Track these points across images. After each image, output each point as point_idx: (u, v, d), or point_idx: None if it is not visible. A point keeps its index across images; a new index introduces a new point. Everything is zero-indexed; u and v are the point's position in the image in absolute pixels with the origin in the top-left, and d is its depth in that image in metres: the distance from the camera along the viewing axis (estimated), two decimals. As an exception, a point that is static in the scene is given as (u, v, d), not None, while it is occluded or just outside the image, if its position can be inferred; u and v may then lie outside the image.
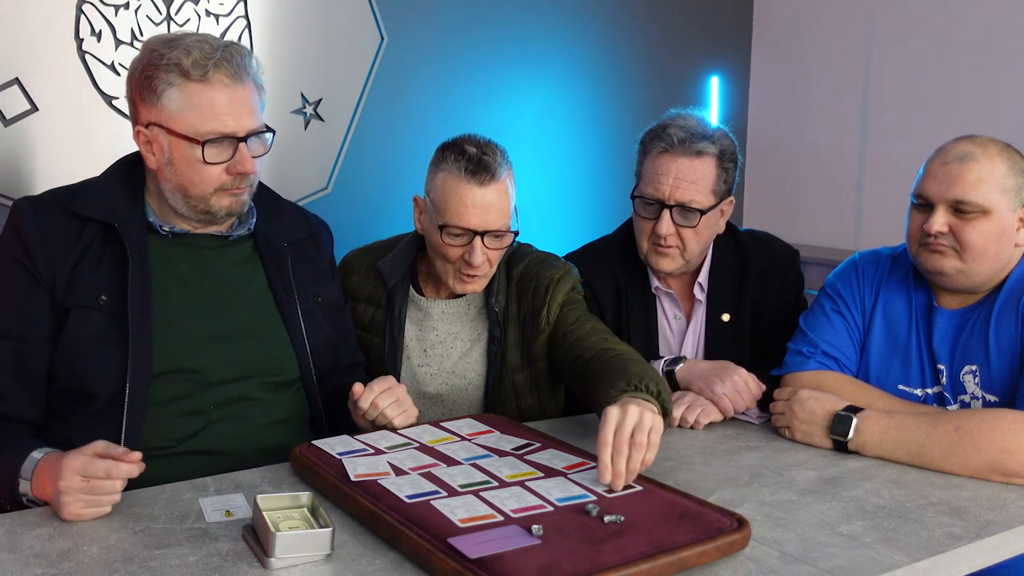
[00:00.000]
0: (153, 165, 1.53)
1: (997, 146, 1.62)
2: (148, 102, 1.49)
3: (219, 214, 1.56)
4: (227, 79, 1.48)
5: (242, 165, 1.51)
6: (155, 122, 1.49)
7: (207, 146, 1.48)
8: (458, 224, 1.70)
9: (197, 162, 1.49)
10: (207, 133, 1.48)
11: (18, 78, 2.20)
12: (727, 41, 3.59)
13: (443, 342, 1.86)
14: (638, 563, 1.08)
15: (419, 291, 1.88)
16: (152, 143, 1.51)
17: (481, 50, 2.95)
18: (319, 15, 2.60)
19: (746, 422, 1.79)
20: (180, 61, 1.46)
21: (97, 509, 1.26)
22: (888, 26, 3.23)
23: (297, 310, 1.64)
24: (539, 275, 1.83)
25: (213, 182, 1.51)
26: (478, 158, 1.69)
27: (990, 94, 2.94)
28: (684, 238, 1.89)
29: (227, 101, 1.49)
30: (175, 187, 1.53)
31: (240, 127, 1.50)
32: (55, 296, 1.49)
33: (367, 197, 2.76)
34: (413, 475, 1.34)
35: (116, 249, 1.52)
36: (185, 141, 1.48)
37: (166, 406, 1.50)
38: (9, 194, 2.21)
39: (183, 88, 1.47)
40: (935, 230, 1.61)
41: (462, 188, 1.69)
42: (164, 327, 1.52)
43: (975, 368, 1.64)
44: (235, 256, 1.64)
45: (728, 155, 1.91)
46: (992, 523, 1.30)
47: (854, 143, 3.35)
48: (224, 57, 1.48)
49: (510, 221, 1.75)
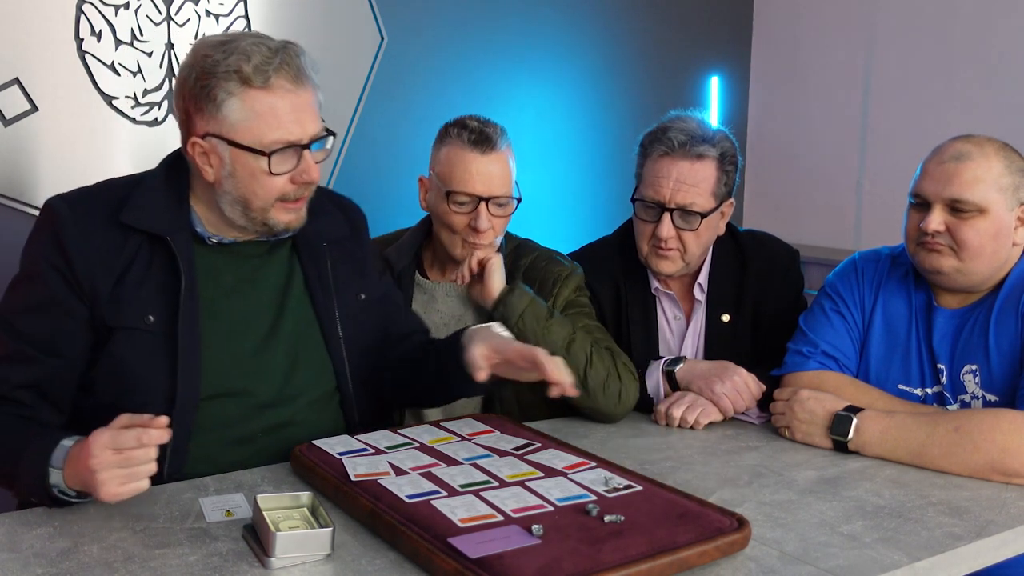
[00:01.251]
0: (211, 178, 1.42)
1: (994, 145, 1.62)
2: (206, 113, 1.39)
3: (277, 227, 1.47)
4: (289, 84, 1.40)
5: (308, 174, 1.44)
6: (214, 133, 1.40)
7: (273, 157, 1.40)
8: (463, 190, 1.78)
9: (262, 174, 1.41)
10: (272, 143, 1.39)
11: (18, 78, 2.19)
12: (727, 41, 3.59)
13: (447, 324, 1.89)
14: (638, 563, 1.08)
15: (424, 276, 1.93)
16: (210, 155, 1.41)
17: (481, 50, 2.95)
18: (319, 15, 2.60)
19: (746, 422, 1.79)
20: (240, 68, 1.37)
21: (135, 484, 1.19)
22: (888, 26, 3.23)
23: (335, 316, 1.58)
24: (547, 269, 1.88)
25: (276, 192, 1.43)
26: (480, 130, 1.80)
27: (990, 94, 2.94)
28: (685, 241, 1.89)
29: (290, 108, 1.40)
30: (235, 199, 1.44)
31: (304, 134, 1.42)
32: (95, 313, 1.40)
33: (367, 197, 2.72)
34: (413, 475, 1.34)
35: (163, 262, 1.43)
36: (249, 153, 1.39)
37: (213, 432, 1.44)
38: (9, 194, 2.21)
39: (244, 97, 1.38)
40: (932, 229, 1.61)
41: (467, 157, 1.78)
42: (212, 347, 1.45)
43: (975, 368, 1.64)
44: (277, 261, 1.57)
45: (728, 158, 1.91)
46: (992, 523, 1.30)
47: (854, 143, 3.35)
48: (284, 60, 1.39)
49: (512, 189, 1.83)
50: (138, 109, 2.36)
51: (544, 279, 1.86)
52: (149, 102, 2.37)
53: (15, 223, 2.23)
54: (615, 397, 1.75)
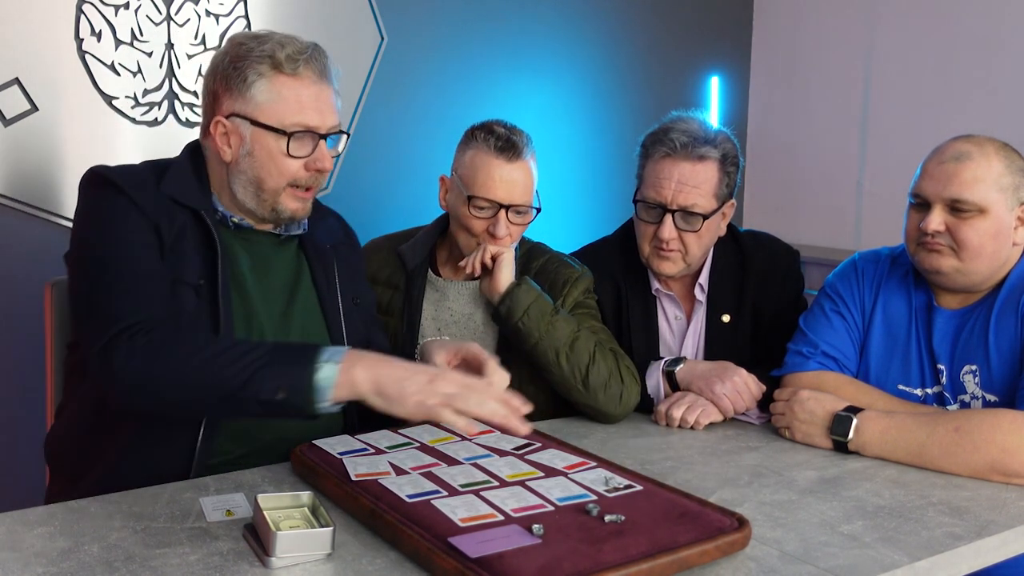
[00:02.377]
0: (228, 157, 1.51)
1: (994, 145, 1.62)
2: (235, 92, 1.49)
3: (284, 214, 1.55)
4: (315, 76, 1.51)
5: (321, 162, 1.52)
6: (239, 113, 1.49)
7: (292, 139, 1.49)
8: (485, 196, 1.79)
9: (280, 154, 1.49)
10: (293, 125, 1.49)
11: (18, 78, 2.19)
12: (727, 41, 3.59)
13: (457, 322, 1.90)
14: (638, 563, 1.08)
15: (437, 274, 1.94)
16: (231, 134, 1.50)
17: (481, 50, 2.95)
18: (319, 15, 2.60)
19: (746, 422, 1.79)
20: (274, 53, 1.48)
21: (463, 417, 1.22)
22: (888, 26, 3.23)
23: (339, 311, 1.66)
24: (558, 271, 1.90)
25: (290, 175, 1.51)
26: (507, 137, 1.80)
27: (990, 94, 2.95)
28: (686, 242, 1.89)
29: (314, 97, 1.50)
30: (249, 179, 1.52)
31: (323, 123, 1.52)
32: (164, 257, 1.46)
33: (367, 197, 2.76)
34: (414, 475, 1.34)
35: (201, 236, 1.50)
36: (270, 132, 1.48)
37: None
38: (9, 194, 2.21)
39: (273, 80, 1.48)
40: (932, 229, 1.61)
41: (491, 163, 1.79)
42: (239, 321, 1.52)
43: (975, 368, 1.64)
44: (286, 255, 1.64)
45: (730, 159, 1.91)
46: (992, 523, 1.30)
47: (854, 143, 3.35)
48: (313, 55, 1.51)
49: (532, 199, 1.84)
50: (138, 109, 2.36)
51: (554, 281, 1.88)
52: (149, 102, 2.37)
53: (15, 223, 2.23)
54: (616, 398, 1.75)
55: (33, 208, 2.23)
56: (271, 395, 1.25)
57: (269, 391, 1.25)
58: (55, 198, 2.27)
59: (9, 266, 2.24)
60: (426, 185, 2.63)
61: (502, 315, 1.77)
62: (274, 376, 1.26)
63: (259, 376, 1.26)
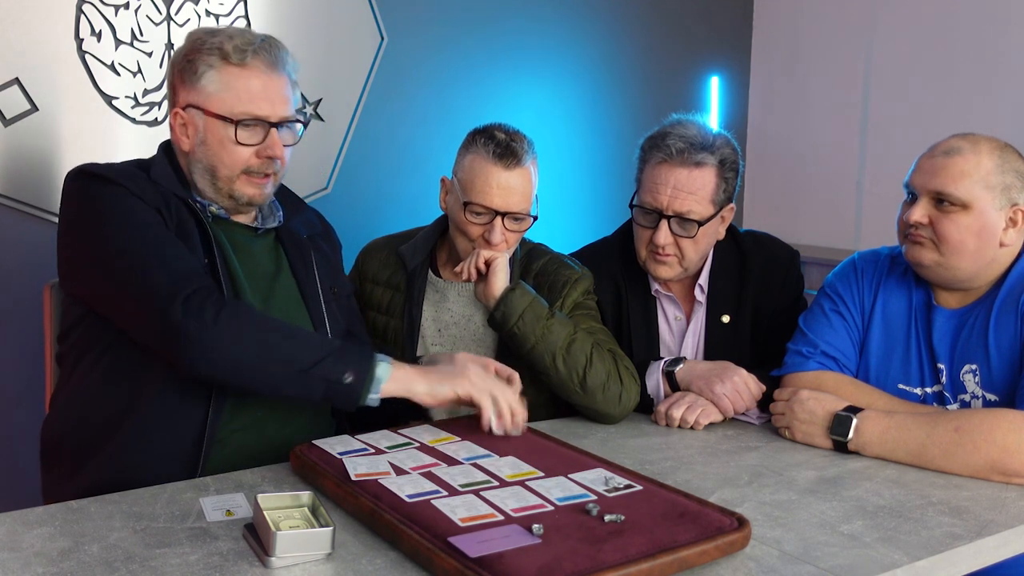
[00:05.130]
0: (186, 147, 1.58)
1: (990, 144, 1.62)
2: (188, 84, 1.55)
3: (241, 200, 1.60)
4: (264, 67, 1.56)
5: (271, 149, 1.57)
6: (193, 103, 1.56)
7: (240, 127, 1.54)
8: (481, 203, 1.78)
9: (229, 142, 1.55)
10: (241, 114, 1.54)
11: (18, 78, 2.19)
12: (727, 41, 3.59)
13: (457, 323, 1.90)
14: (638, 562, 1.08)
15: (437, 275, 1.94)
16: (188, 125, 1.57)
17: (481, 50, 2.95)
18: (319, 15, 2.60)
19: (746, 422, 1.79)
20: (222, 45, 1.53)
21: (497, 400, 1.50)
22: (888, 26, 3.23)
23: (320, 300, 1.69)
24: (558, 272, 1.90)
25: (241, 163, 1.56)
26: (506, 143, 1.78)
27: (990, 93, 2.95)
28: (682, 247, 1.89)
29: (262, 87, 1.55)
30: (205, 167, 1.58)
31: (273, 113, 1.57)
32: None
33: (367, 197, 2.76)
34: (414, 474, 1.34)
35: (194, 223, 1.56)
36: (220, 121, 1.54)
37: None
38: (9, 194, 2.21)
39: (222, 71, 1.54)
40: (913, 220, 1.62)
41: (488, 169, 1.77)
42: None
43: (975, 367, 1.64)
44: (264, 246, 1.68)
45: (729, 164, 1.90)
46: (992, 523, 1.30)
47: (854, 143, 3.35)
48: (263, 47, 1.56)
49: (530, 206, 1.83)
50: (138, 109, 2.35)
51: (554, 282, 1.88)
52: (149, 102, 2.37)
53: (15, 223, 2.23)
54: (615, 399, 1.75)
55: (33, 208, 2.23)
56: (339, 376, 1.42)
57: (338, 372, 1.42)
58: (55, 198, 2.26)
59: (9, 266, 2.24)
60: (426, 185, 2.64)
61: (497, 320, 1.77)
62: (344, 362, 1.43)
63: (331, 359, 1.42)
